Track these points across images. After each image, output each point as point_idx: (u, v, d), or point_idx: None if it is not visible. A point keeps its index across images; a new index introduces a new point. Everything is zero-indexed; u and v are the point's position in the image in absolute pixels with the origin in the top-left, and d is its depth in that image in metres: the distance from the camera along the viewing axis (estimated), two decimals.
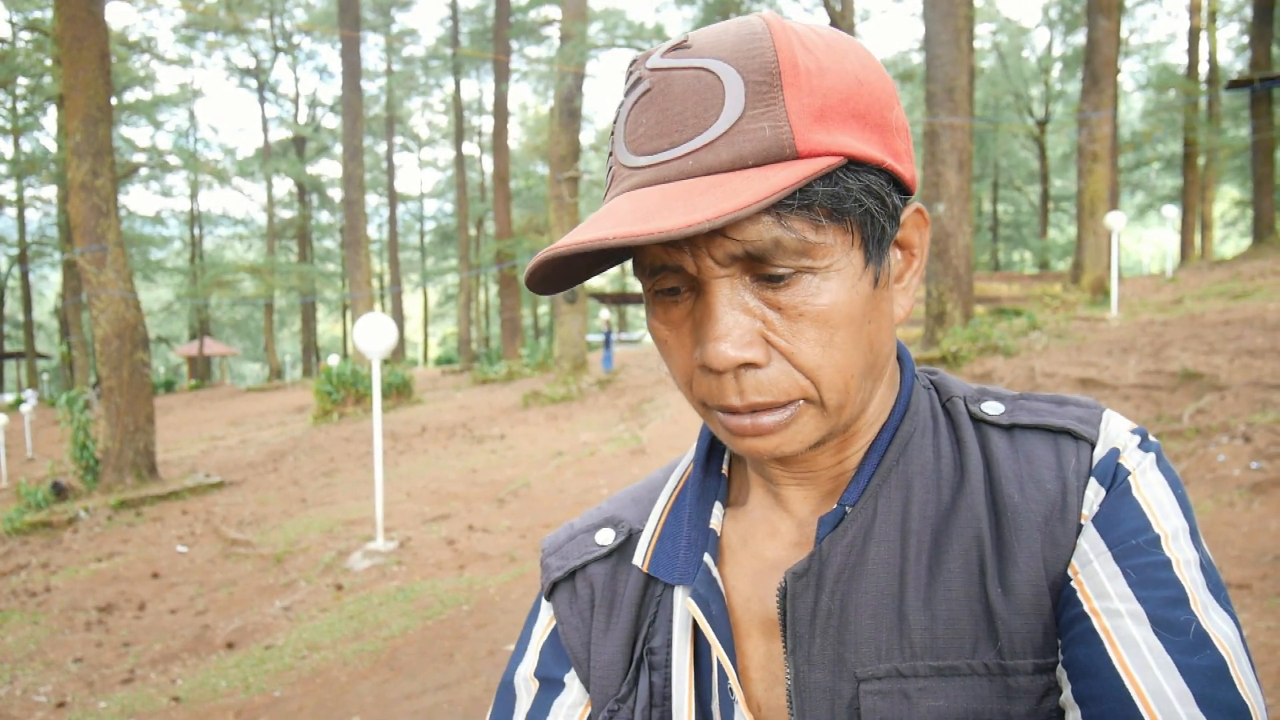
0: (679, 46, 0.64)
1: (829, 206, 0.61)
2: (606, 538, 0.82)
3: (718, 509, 0.77)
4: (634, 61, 0.66)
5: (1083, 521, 0.66)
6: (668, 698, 0.73)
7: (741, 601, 0.73)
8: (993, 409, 0.74)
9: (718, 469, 0.81)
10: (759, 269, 0.62)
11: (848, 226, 0.63)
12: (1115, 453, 0.67)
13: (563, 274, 0.67)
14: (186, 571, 8.02)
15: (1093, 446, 0.68)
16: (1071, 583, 0.64)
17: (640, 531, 0.81)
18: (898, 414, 0.74)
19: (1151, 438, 0.70)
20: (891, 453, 0.71)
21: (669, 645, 0.75)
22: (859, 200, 0.62)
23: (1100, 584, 0.63)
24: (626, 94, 0.66)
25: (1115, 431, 0.69)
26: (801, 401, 0.64)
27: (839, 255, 0.63)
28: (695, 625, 0.73)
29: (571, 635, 0.80)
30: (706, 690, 0.73)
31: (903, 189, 0.67)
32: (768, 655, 0.72)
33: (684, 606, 0.74)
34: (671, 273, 0.64)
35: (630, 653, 0.76)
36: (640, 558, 0.77)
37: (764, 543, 0.75)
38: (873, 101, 0.63)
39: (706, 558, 0.73)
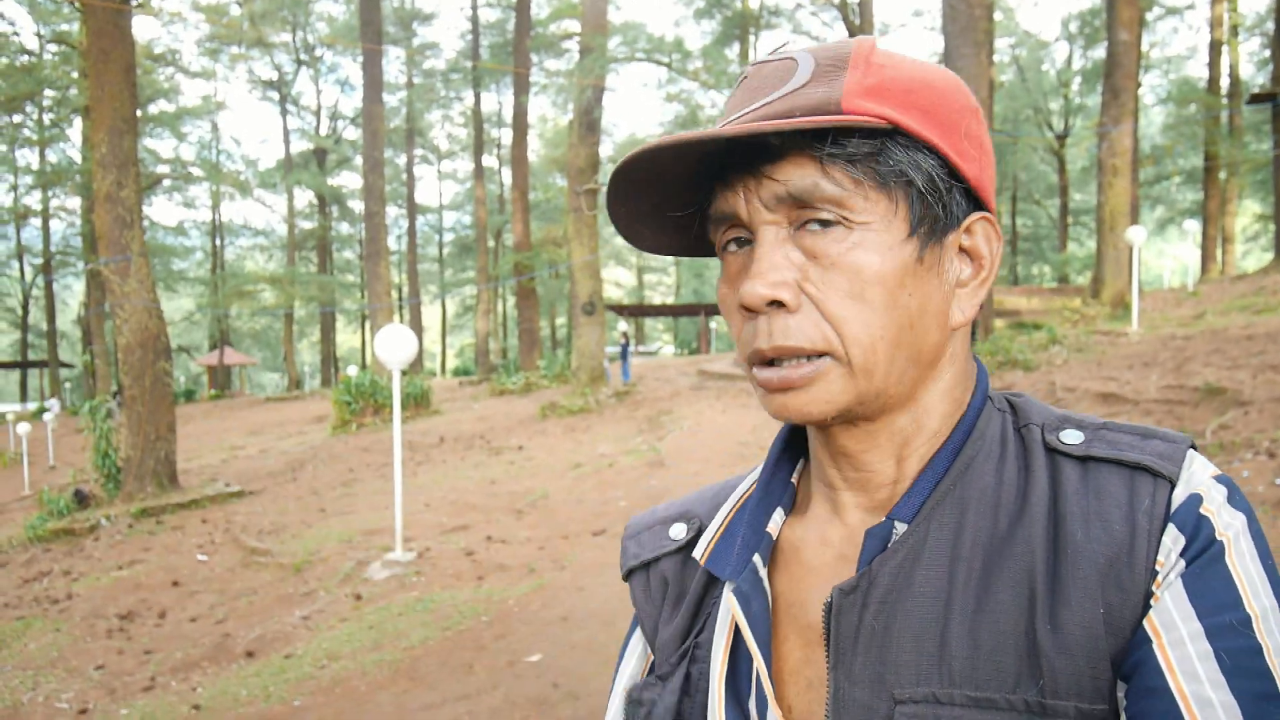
0: (778, 49, 0.73)
1: (870, 166, 0.66)
2: (679, 532, 0.87)
3: (779, 514, 0.80)
4: (745, 65, 0.75)
5: (1157, 568, 0.63)
6: (702, 690, 0.77)
7: (786, 606, 0.75)
8: (1071, 438, 0.71)
9: (786, 476, 0.83)
10: (802, 215, 0.67)
11: (891, 195, 0.67)
12: (1197, 500, 0.64)
13: (642, 205, 0.74)
14: (207, 580, 8.07)
15: (1172, 487, 0.65)
16: (1153, 646, 0.61)
17: (708, 527, 0.85)
18: (960, 435, 0.73)
19: (1238, 489, 0.66)
20: (950, 475, 0.70)
21: (713, 641, 0.78)
22: (903, 172, 0.67)
23: (1190, 663, 0.60)
24: (735, 89, 0.74)
25: (1199, 476, 0.65)
26: (828, 359, 0.67)
27: (878, 219, 0.67)
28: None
29: (645, 619, 0.86)
30: (745, 687, 0.74)
31: (968, 191, 0.71)
32: (805, 661, 0.73)
33: (728, 602, 0.76)
34: (733, 226, 0.71)
35: (682, 642, 0.81)
36: (700, 550, 0.80)
37: (815, 551, 0.76)
38: (940, 103, 0.69)
39: (756, 558, 0.75)
